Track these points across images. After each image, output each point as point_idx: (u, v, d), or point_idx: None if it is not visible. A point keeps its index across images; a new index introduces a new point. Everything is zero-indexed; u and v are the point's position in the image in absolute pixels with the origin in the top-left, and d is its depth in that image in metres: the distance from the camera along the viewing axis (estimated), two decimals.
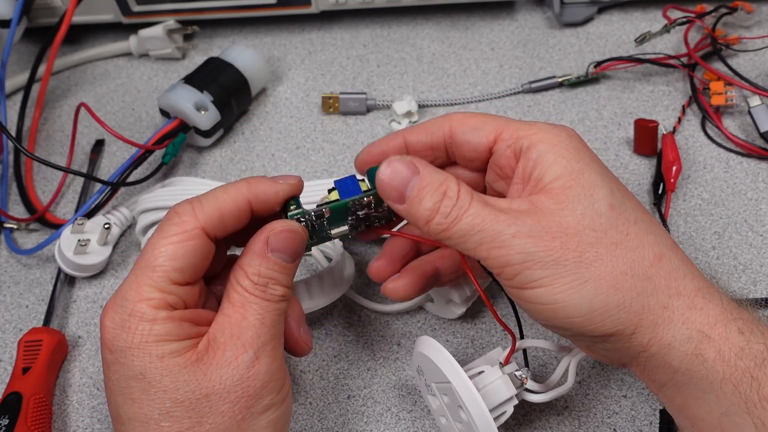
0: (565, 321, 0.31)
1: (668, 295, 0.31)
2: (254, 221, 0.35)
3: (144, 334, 0.32)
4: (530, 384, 0.37)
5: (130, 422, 0.32)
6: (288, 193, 0.36)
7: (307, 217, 0.35)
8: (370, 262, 0.39)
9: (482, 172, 0.38)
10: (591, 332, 0.31)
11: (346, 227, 0.37)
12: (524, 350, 0.40)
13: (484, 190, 0.38)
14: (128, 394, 0.32)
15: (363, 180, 0.36)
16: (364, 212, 0.36)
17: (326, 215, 0.36)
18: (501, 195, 0.37)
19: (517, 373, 0.36)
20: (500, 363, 0.37)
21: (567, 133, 0.34)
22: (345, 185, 0.36)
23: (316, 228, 0.36)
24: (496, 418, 0.35)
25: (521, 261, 0.31)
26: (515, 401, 0.36)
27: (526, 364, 0.39)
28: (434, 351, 0.36)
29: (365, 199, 0.36)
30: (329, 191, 0.36)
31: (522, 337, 0.39)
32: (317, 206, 0.36)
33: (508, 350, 0.37)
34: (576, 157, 0.33)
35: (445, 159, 0.38)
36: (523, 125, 0.35)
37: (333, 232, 0.37)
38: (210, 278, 0.38)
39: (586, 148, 0.34)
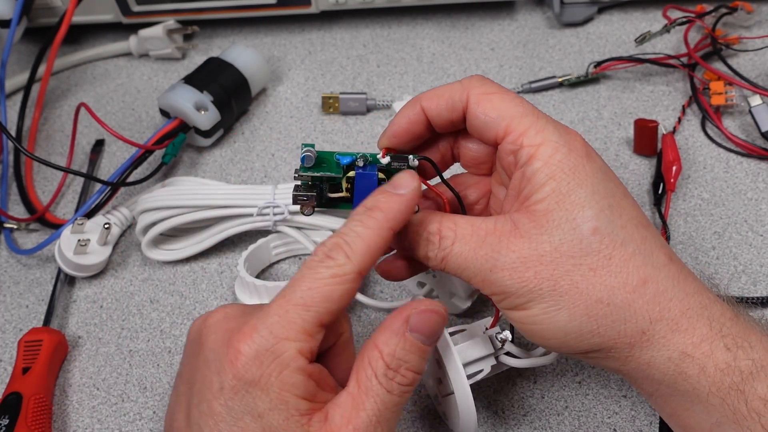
0: (544, 342, 0.33)
1: (649, 321, 0.31)
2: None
3: (275, 376, 0.30)
4: (512, 348, 0.38)
5: None
6: (415, 203, 0.34)
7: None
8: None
9: (494, 147, 0.36)
10: (567, 352, 0.33)
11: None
12: None
13: (491, 169, 0.37)
14: (238, 426, 0.30)
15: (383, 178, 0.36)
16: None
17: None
18: (505, 183, 0.36)
19: (498, 336, 0.37)
20: (485, 327, 0.38)
21: (570, 147, 0.33)
22: (364, 185, 0.35)
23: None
24: (472, 375, 0.37)
25: (501, 291, 0.32)
26: (493, 361, 0.38)
27: (513, 332, 0.38)
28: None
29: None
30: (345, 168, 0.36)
31: None
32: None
33: (494, 316, 0.38)
34: (569, 176, 0.32)
35: (462, 125, 0.36)
36: (531, 129, 0.33)
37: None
38: None
39: (586, 162, 0.32)
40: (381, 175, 0.36)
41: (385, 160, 0.35)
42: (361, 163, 0.36)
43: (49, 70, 0.57)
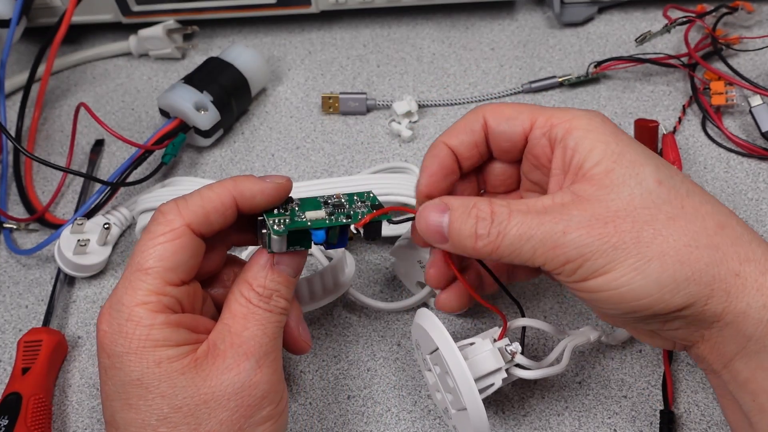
0: (634, 304, 0.30)
1: (738, 262, 0.30)
2: (246, 220, 0.35)
3: (141, 339, 0.31)
4: (522, 360, 0.37)
5: (127, 428, 0.32)
6: (273, 191, 0.35)
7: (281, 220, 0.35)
8: (427, 269, 0.38)
9: (518, 162, 0.38)
10: (662, 310, 0.30)
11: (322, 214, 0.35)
12: (523, 328, 0.40)
13: (517, 184, 0.38)
14: (125, 399, 0.32)
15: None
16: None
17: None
18: (537, 185, 0.37)
19: (508, 348, 0.37)
20: (494, 338, 0.37)
21: (601, 118, 0.33)
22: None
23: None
24: (483, 390, 0.36)
25: (578, 255, 0.30)
26: (504, 374, 0.37)
27: (522, 342, 0.39)
28: (426, 319, 0.36)
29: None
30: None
31: (523, 315, 0.40)
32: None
33: (502, 327, 0.37)
34: (614, 139, 0.32)
35: (487, 154, 0.37)
36: (556, 112, 0.34)
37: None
38: (209, 281, 0.38)
39: (621, 130, 0.33)
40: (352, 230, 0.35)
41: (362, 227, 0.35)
42: (334, 241, 0.36)
43: (48, 70, 0.56)
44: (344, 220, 0.35)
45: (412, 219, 0.35)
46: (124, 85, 0.61)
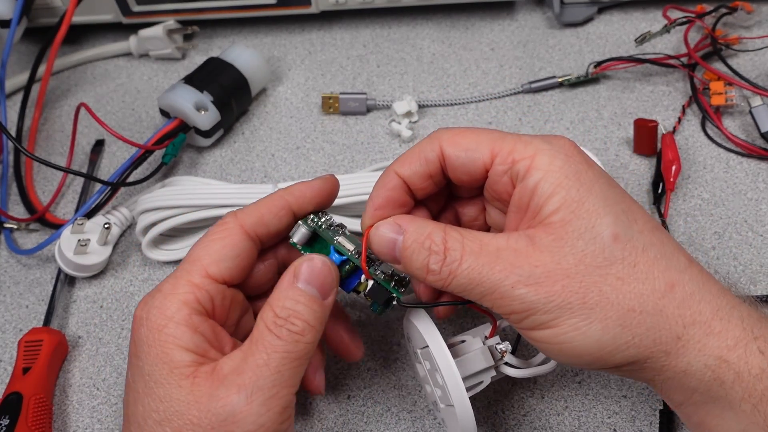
0: (576, 359, 0.31)
1: (682, 325, 0.30)
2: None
3: (159, 329, 0.31)
4: (512, 359, 0.37)
5: (130, 423, 0.32)
6: (320, 183, 0.36)
7: (322, 221, 0.36)
8: (413, 285, 0.38)
9: (480, 191, 0.36)
10: (600, 367, 0.31)
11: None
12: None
13: (483, 211, 0.37)
14: (136, 391, 0.32)
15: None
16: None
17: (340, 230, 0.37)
18: (500, 204, 0.35)
19: (498, 346, 0.37)
20: (485, 336, 0.37)
21: (566, 153, 0.32)
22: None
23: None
24: (472, 387, 0.36)
25: (523, 309, 0.30)
26: (493, 372, 0.37)
27: (515, 343, 0.39)
28: (418, 316, 0.36)
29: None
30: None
31: None
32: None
33: (492, 325, 0.37)
34: (576, 183, 0.31)
35: (444, 182, 0.36)
36: (518, 144, 0.32)
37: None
38: (260, 296, 0.38)
39: (587, 167, 0.32)
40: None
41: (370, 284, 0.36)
42: (343, 275, 0.35)
43: (49, 70, 0.57)
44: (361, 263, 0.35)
45: (422, 306, 0.35)
46: (124, 85, 0.62)
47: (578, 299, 0.30)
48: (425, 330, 0.35)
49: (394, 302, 0.36)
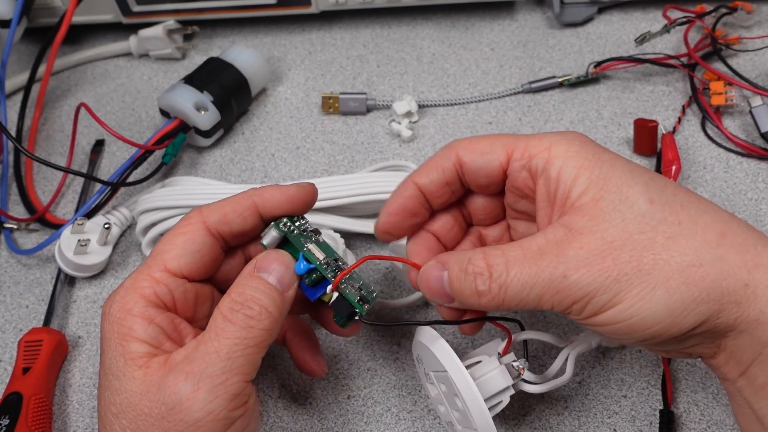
0: (646, 332, 0.30)
1: (746, 270, 0.29)
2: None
3: (117, 322, 0.32)
4: (528, 375, 0.37)
5: (99, 419, 0.32)
6: (295, 190, 0.36)
7: (294, 226, 0.36)
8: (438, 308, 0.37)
9: (500, 194, 0.36)
10: (675, 333, 0.30)
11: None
12: (524, 342, 0.40)
13: (503, 213, 0.37)
14: (100, 386, 0.32)
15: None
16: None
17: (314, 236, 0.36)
18: (524, 213, 0.36)
19: (515, 364, 0.36)
20: (498, 353, 0.37)
21: (580, 140, 0.32)
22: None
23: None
24: (492, 407, 0.36)
25: (583, 295, 0.29)
26: (512, 391, 0.36)
27: (526, 356, 0.38)
28: (432, 340, 0.36)
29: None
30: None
31: (523, 329, 0.39)
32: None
33: (506, 341, 0.37)
34: (597, 163, 0.31)
35: (462, 190, 0.36)
36: (532, 140, 0.33)
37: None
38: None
39: (602, 149, 0.32)
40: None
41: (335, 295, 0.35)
42: (309, 283, 0.35)
43: (49, 70, 0.57)
44: (329, 275, 0.35)
45: (388, 326, 0.35)
46: (124, 85, 0.62)
47: (633, 268, 0.29)
48: (442, 355, 0.35)
49: (356, 317, 0.36)
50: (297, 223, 0.37)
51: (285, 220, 0.36)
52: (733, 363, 0.31)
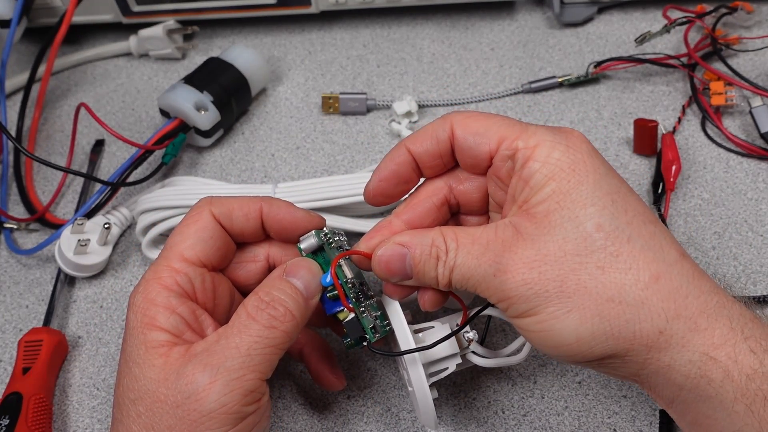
0: (555, 349, 0.31)
1: (665, 319, 0.29)
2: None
3: (140, 312, 0.33)
4: (479, 348, 0.37)
5: (114, 406, 0.33)
6: (303, 215, 0.37)
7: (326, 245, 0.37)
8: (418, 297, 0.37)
9: (485, 175, 0.36)
10: (581, 360, 0.31)
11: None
12: (488, 319, 0.40)
13: (486, 196, 0.37)
14: (120, 374, 0.33)
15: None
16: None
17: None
18: (501, 204, 0.35)
19: (466, 335, 0.37)
20: (456, 324, 0.37)
21: (567, 144, 0.32)
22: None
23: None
24: (435, 373, 0.37)
25: (505, 297, 0.31)
26: (458, 360, 0.37)
27: (486, 331, 0.39)
28: (389, 303, 0.36)
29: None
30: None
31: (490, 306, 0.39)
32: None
33: (463, 313, 0.37)
34: (569, 174, 0.31)
35: (452, 162, 0.36)
36: (524, 132, 0.32)
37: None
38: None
39: (588, 158, 0.32)
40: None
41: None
42: (330, 296, 0.36)
43: (49, 70, 0.57)
44: (350, 295, 0.35)
45: (401, 354, 0.35)
46: (124, 85, 0.62)
47: (556, 287, 0.30)
48: (392, 314, 0.36)
49: (365, 343, 0.36)
50: (336, 238, 0.38)
51: (326, 230, 0.38)
52: (656, 396, 0.32)
